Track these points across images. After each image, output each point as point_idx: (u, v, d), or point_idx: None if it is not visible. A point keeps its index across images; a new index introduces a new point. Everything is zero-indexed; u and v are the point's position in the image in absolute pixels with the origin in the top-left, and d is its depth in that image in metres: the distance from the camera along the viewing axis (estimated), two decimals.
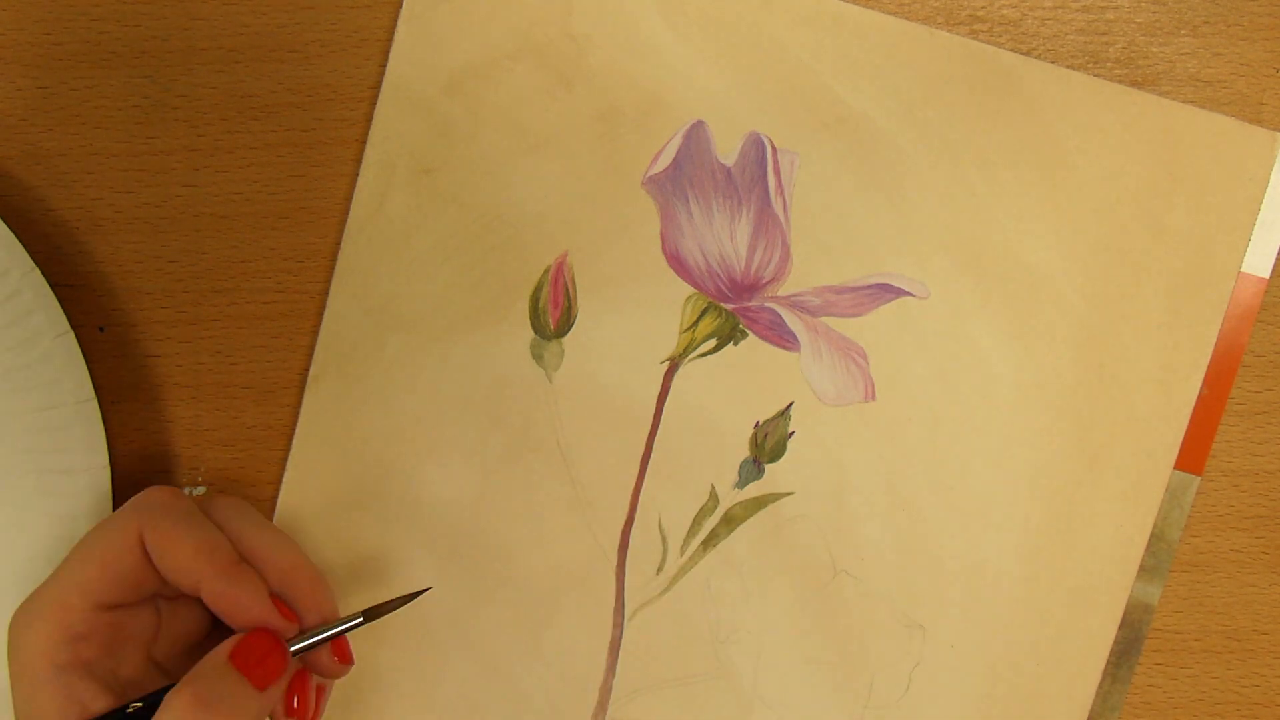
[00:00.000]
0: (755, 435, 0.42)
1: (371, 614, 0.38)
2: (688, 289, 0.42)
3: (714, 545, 0.43)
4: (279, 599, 0.37)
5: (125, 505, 0.38)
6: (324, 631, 0.38)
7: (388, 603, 0.39)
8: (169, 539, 0.37)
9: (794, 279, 0.42)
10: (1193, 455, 0.42)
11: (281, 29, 0.43)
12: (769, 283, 0.42)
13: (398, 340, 0.43)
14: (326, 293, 0.43)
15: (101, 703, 0.36)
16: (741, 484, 0.43)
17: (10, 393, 0.40)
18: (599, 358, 0.43)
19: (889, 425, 0.42)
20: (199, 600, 0.37)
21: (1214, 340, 0.42)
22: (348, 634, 0.38)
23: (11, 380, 0.40)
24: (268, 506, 0.43)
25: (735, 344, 0.42)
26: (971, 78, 0.42)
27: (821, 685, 0.43)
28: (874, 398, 0.42)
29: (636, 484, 0.43)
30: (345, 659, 0.38)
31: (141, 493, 0.38)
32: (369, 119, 0.43)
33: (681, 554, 0.43)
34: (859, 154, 0.42)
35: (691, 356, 0.43)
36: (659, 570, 0.43)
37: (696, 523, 0.43)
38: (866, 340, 0.42)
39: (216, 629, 0.40)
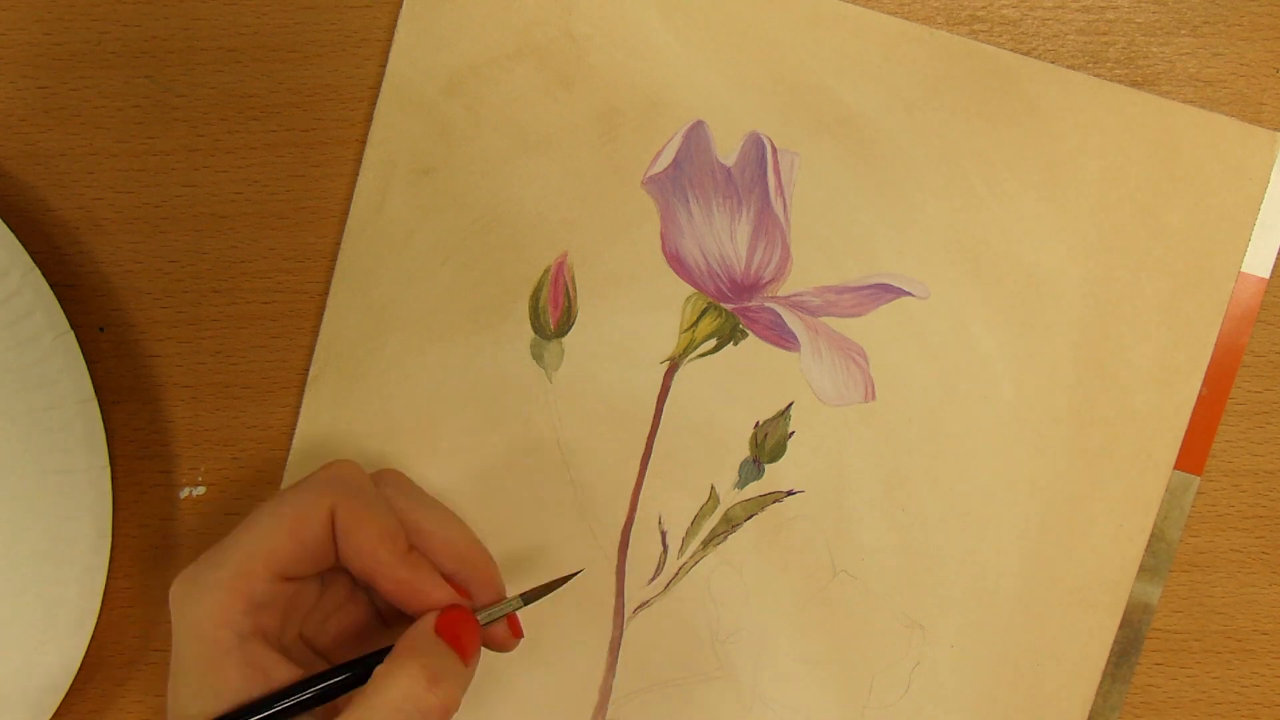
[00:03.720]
0: (755, 435, 0.42)
1: (529, 596, 0.38)
2: (688, 289, 0.42)
3: (714, 545, 0.43)
4: (451, 578, 0.37)
5: (316, 476, 0.37)
6: (499, 608, 0.38)
7: (544, 586, 0.39)
8: (359, 521, 0.36)
9: (794, 279, 0.42)
10: (1193, 455, 0.42)
11: (281, 29, 0.43)
12: (769, 283, 0.42)
13: (398, 340, 0.43)
14: (326, 293, 0.43)
15: (284, 672, 0.35)
16: (741, 484, 0.43)
17: (10, 393, 0.40)
18: (599, 358, 0.43)
19: (889, 425, 0.42)
20: (349, 577, 0.37)
21: (1214, 340, 0.42)
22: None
23: (11, 380, 0.40)
24: None
25: (735, 344, 0.42)
26: (971, 78, 0.42)
27: (821, 685, 0.43)
28: (874, 398, 0.42)
29: (636, 484, 0.43)
30: (518, 633, 0.39)
31: (331, 465, 0.37)
32: (369, 119, 0.43)
33: (681, 554, 0.43)
34: (859, 154, 0.42)
35: (691, 356, 0.43)
36: (659, 570, 0.43)
37: (696, 523, 0.43)
38: (866, 340, 0.42)
39: (371, 607, 0.39)
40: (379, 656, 0.36)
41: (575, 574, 0.40)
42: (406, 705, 0.33)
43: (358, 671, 0.36)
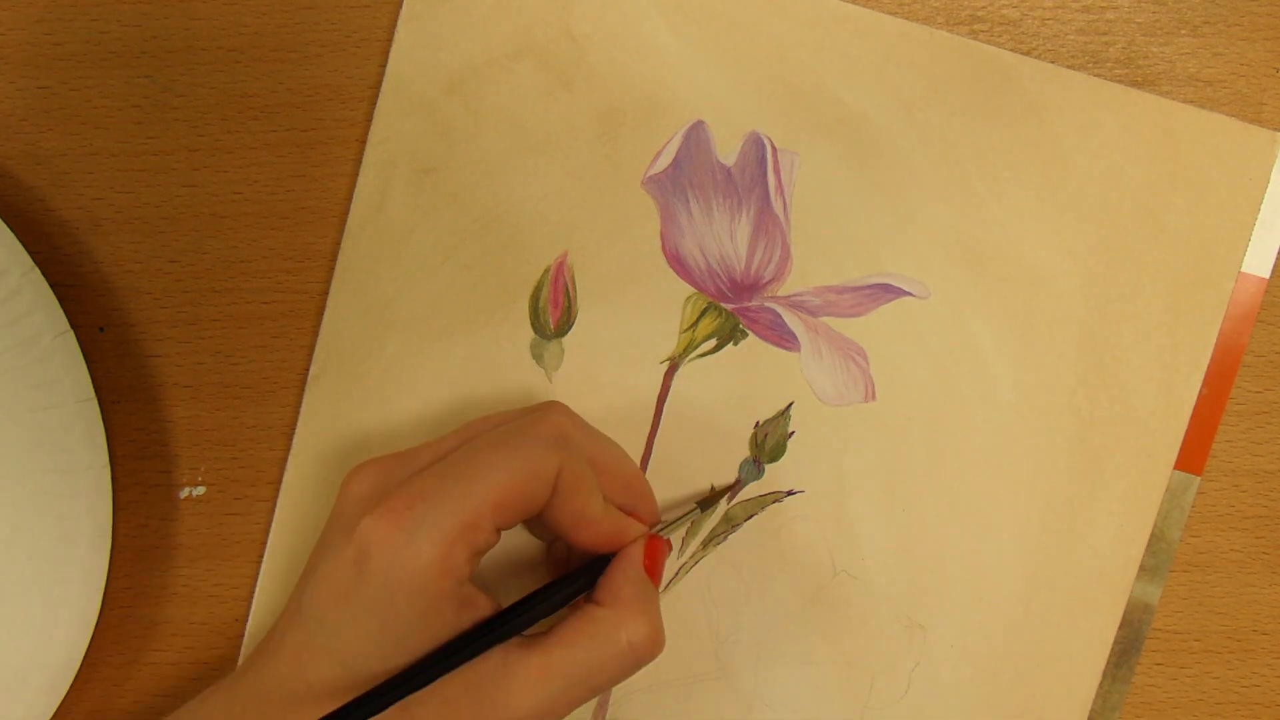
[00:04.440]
0: (755, 435, 0.42)
1: (705, 504, 0.41)
2: (688, 289, 0.42)
3: (714, 545, 0.43)
4: (620, 506, 0.38)
5: (542, 429, 0.37)
6: (678, 520, 0.40)
7: (716, 493, 0.42)
8: (578, 482, 0.36)
9: (794, 279, 0.42)
10: (1193, 455, 0.42)
11: (281, 29, 0.43)
12: (769, 283, 0.42)
13: (398, 340, 0.43)
14: (326, 293, 0.43)
15: (485, 606, 0.36)
16: (742, 484, 0.43)
17: (10, 393, 0.40)
18: (599, 358, 0.43)
19: (889, 425, 0.42)
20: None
21: (1214, 340, 0.42)
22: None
23: (11, 380, 0.40)
24: (267, 507, 0.43)
25: (735, 344, 0.42)
26: (971, 78, 0.42)
27: (821, 685, 0.43)
28: (874, 398, 0.42)
29: None
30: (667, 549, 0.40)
31: (551, 416, 0.37)
32: (369, 119, 0.43)
33: (681, 554, 0.43)
34: (859, 154, 0.42)
35: (691, 356, 0.43)
36: None
37: (696, 523, 0.43)
38: (866, 340, 0.42)
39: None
40: (576, 580, 0.38)
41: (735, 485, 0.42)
42: (638, 648, 0.36)
43: (563, 593, 0.37)
